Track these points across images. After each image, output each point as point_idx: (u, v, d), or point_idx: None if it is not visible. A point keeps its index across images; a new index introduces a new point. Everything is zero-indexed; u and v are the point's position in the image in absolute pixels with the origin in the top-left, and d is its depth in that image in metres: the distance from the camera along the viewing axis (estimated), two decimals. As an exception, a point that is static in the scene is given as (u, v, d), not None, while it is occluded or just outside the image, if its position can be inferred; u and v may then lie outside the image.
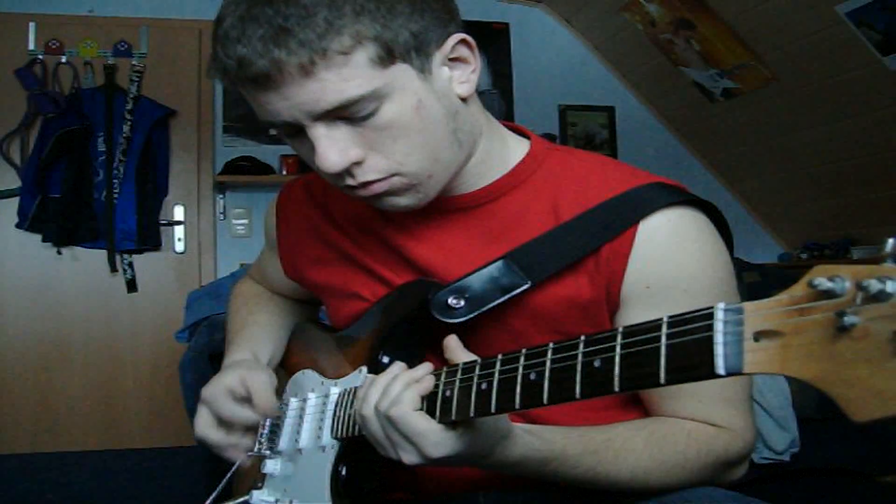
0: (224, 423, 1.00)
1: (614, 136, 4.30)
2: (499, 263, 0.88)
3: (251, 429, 1.02)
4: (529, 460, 0.80)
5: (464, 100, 0.87)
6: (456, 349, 0.79)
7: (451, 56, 0.85)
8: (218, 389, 1.00)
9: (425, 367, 0.78)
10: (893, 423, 0.38)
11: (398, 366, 0.80)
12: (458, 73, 0.86)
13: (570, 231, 0.87)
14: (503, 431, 0.77)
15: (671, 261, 0.85)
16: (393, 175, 0.84)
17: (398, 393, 0.75)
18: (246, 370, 1.02)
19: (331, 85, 0.77)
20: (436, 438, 0.73)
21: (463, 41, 0.85)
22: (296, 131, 0.83)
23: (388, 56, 0.78)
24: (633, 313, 0.86)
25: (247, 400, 0.99)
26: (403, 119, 0.81)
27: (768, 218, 4.38)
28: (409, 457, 0.75)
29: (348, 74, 0.77)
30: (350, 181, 0.84)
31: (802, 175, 3.92)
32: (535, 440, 0.80)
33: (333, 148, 0.81)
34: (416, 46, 0.80)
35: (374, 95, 0.78)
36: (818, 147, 3.69)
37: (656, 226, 0.85)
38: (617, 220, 0.86)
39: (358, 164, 0.83)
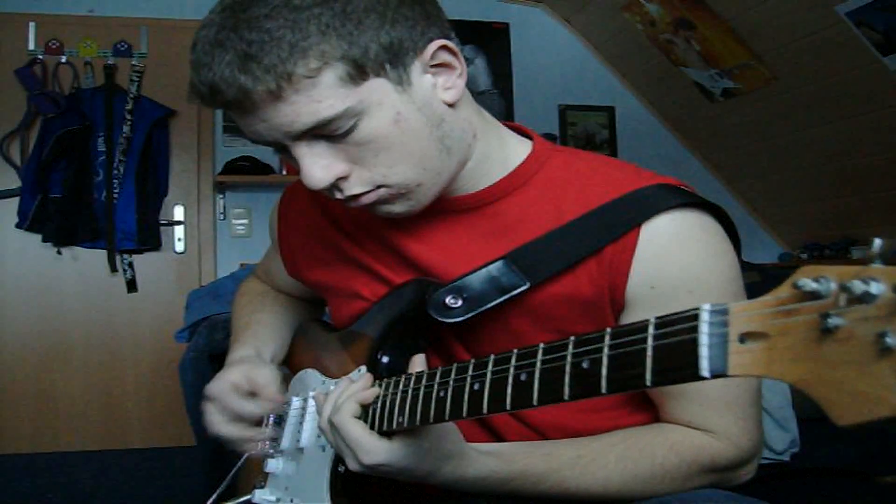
0: (234, 418, 1.01)
1: (614, 136, 4.30)
2: (498, 263, 0.88)
3: (260, 422, 1.03)
4: (487, 480, 0.81)
5: (451, 105, 0.86)
6: (417, 364, 0.82)
7: (433, 63, 0.83)
8: (223, 386, 1.00)
9: (366, 379, 0.82)
10: (878, 426, 0.38)
11: (345, 380, 0.84)
12: (442, 80, 0.85)
13: (571, 231, 0.87)
14: (451, 450, 0.78)
15: (676, 261, 0.84)
16: (379, 187, 0.84)
17: (341, 403, 0.79)
18: (249, 366, 1.03)
19: (303, 107, 0.77)
20: (368, 446, 0.77)
21: (444, 47, 0.83)
22: (283, 147, 0.83)
23: (358, 73, 0.77)
24: (638, 315, 0.85)
25: (252, 395, 1.00)
26: (382, 133, 0.80)
27: (768, 218, 4.37)
28: (350, 463, 0.79)
29: (318, 95, 0.76)
30: (338, 195, 0.85)
31: (802, 175, 3.91)
32: (491, 460, 0.81)
33: (316, 165, 0.81)
34: (389, 59, 0.79)
35: (349, 113, 0.78)
36: (818, 147, 3.69)
37: (661, 227, 0.84)
38: (620, 220, 0.85)
39: (343, 178, 0.83)
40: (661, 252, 0.84)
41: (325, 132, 0.79)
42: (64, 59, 3.59)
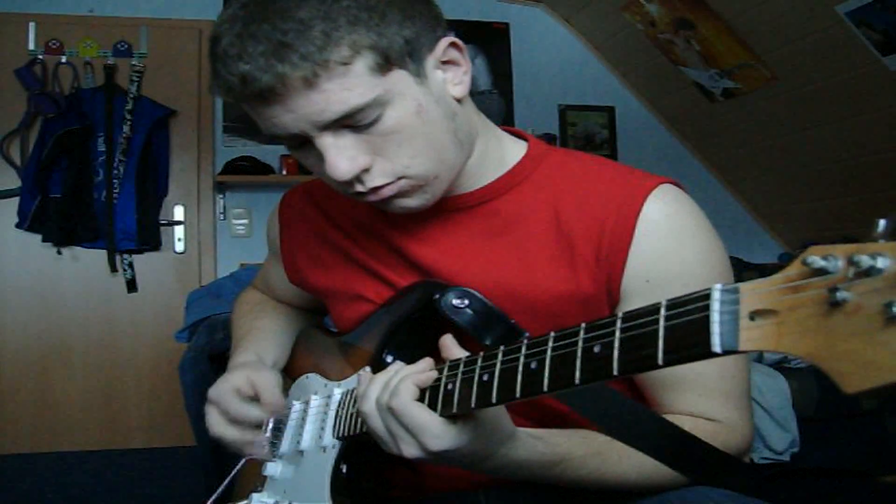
0: (235, 421, 1.01)
1: (614, 136, 4.30)
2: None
3: (261, 426, 1.02)
4: (534, 463, 0.80)
5: (459, 101, 0.89)
6: (452, 347, 0.80)
7: (443, 59, 0.87)
8: (225, 389, 1.01)
9: (426, 362, 0.78)
10: (881, 393, 0.39)
11: (398, 363, 0.81)
12: (451, 76, 0.88)
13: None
14: (506, 432, 0.77)
15: (671, 256, 0.87)
16: (400, 178, 0.86)
17: (397, 385, 0.75)
18: (251, 370, 1.03)
19: (334, 95, 0.79)
20: (437, 431, 0.73)
21: (452, 44, 0.88)
22: (301, 143, 0.85)
23: (385, 63, 0.80)
24: (634, 306, 0.86)
25: (254, 399, 1.01)
26: (406, 124, 0.83)
27: (768, 218, 4.38)
28: (410, 450, 0.75)
29: (350, 84, 0.79)
30: (359, 187, 0.86)
31: (802, 175, 3.92)
32: (539, 443, 0.80)
33: (342, 156, 0.83)
34: (410, 52, 0.82)
35: (377, 102, 0.81)
36: (818, 147, 3.70)
37: (654, 218, 0.87)
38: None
39: (366, 170, 0.85)
40: (657, 245, 0.87)
41: (352, 122, 0.81)
42: (64, 59, 3.59)
